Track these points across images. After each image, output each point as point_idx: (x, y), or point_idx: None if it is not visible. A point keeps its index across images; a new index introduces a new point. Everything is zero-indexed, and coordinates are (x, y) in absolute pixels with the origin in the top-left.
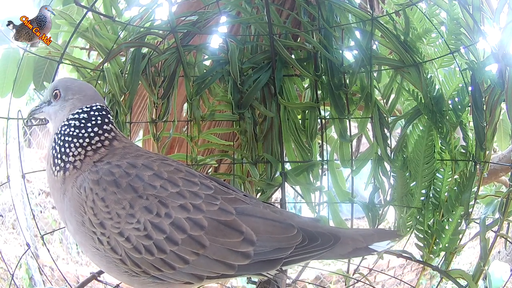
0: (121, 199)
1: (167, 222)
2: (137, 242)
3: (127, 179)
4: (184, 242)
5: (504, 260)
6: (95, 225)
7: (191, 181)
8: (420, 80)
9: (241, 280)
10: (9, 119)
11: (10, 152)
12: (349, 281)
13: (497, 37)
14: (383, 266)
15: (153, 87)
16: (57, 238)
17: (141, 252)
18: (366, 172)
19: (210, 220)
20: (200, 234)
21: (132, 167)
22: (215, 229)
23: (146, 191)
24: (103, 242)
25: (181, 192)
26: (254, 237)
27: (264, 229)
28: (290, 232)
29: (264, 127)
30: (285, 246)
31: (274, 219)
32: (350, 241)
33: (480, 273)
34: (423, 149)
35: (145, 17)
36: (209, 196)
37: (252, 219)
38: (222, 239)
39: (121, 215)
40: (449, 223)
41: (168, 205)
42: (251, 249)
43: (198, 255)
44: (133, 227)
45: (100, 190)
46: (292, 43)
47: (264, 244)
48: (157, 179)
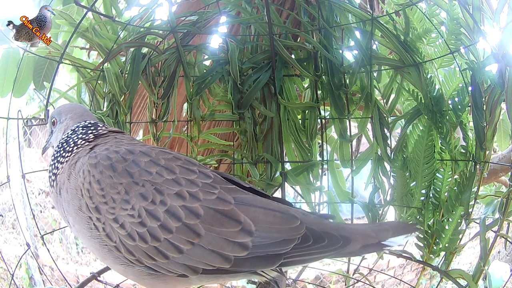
0: (117, 183)
1: (161, 209)
2: (131, 229)
3: (123, 164)
4: (178, 230)
5: (504, 260)
6: (91, 209)
7: (189, 169)
8: (420, 80)
9: (241, 280)
10: (9, 119)
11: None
12: (349, 281)
13: (497, 37)
14: (383, 266)
15: (153, 87)
16: (57, 238)
17: (135, 239)
18: (366, 172)
19: (207, 208)
20: (196, 223)
21: (129, 153)
22: (212, 218)
23: (141, 177)
24: (99, 228)
25: (177, 180)
26: (253, 227)
27: (264, 219)
28: (293, 223)
29: (264, 127)
30: (286, 237)
31: (275, 209)
32: (359, 238)
33: (480, 273)
34: (423, 149)
35: (145, 17)
36: (207, 184)
37: (251, 209)
38: (218, 228)
39: (116, 200)
40: (449, 223)
41: (163, 192)
42: (249, 240)
43: (193, 244)
44: (128, 213)
45: (97, 172)
46: (292, 43)
47: (264, 235)
48: (153, 165)
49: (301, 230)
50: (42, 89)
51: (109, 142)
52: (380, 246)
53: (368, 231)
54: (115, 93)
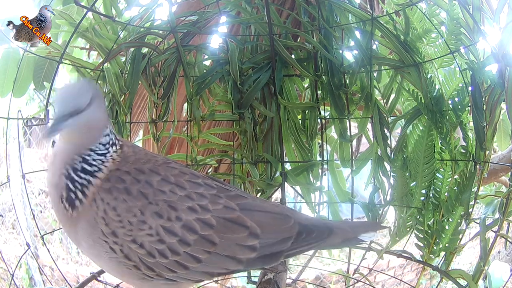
0: (132, 206)
1: (178, 225)
2: (151, 247)
3: (137, 186)
4: (196, 242)
5: (504, 260)
6: (106, 234)
7: (196, 183)
8: (420, 80)
9: (241, 280)
10: (9, 119)
11: (10, 152)
12: (349, 281)
13: (497, 37)
14: (383, 266)
15: (153, 87)
16: (57, 238)
17: (155, 256)
18: (366, 172)
19: (218, 218)
20: (210, 233)
21: (140, 173)
22: (223, 226)
23: (156, 197)
24: (116, 250)
25: (188, 195)
26: (259, 230)
27: (266, 221)
28: (288, 223)
29: (264, 127)
30: (286, 236)
31: (273, 211)
32: (340, 232)
33: (480, 273)
34: (423, 149)
35: (145, 17)
36: (213, 195)
37: (254, 214)
38: (230, 235)
39: (133, 223)
40: (449, 223)
41: (177, 208)
42: (256, 242)
43: (210, 253)
44: (146, 233)
45: (111, 199)
46: (292, 43)
47: (268, 236)
48: (165, 184)
49: (295, 228)
50: (42, 89)
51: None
52: (356, 241)
53: (346, 227)
54: (115, 93)
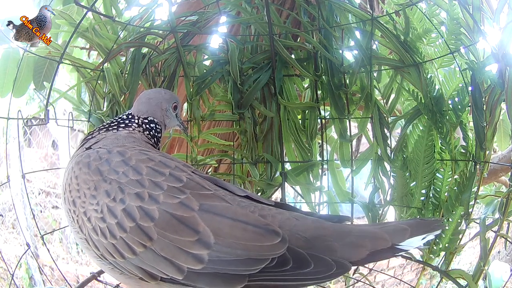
0: (89, 179)
1: (119, 207)
2: (95, 223)
3: (97, 162)
4: (132, 230)
5: (504, 260)
6: (69, 202)
7: (158, 171)
8: (420, 80)
9: None
10: (9, 119)
11: (10, 152)
12: (349, 281)
13: (497, 37)
14: (383, 266)
15: (153, 87)
16: (57, 238)
17: (98, 233)
18: (366, 172)
19: (164, 212)
20: (149, 226)
21: (107, 153)
22: (166, 223)
23: (109, 175)
24: (74, 219)
25: (141, 181)
26: (212, 239)
27: (229, 232)
28: (269, 240)
29: (264, 127)
30: (254, 256)
31: (249, 222)
32: (367, 242)
33: (480, 273)
34: (423, 149)
35: (145, 17)
36: (174, 188)
37: (217, 219)
38: (172, 235)
39: (87, 195)
40: (449, 223)
41: (124, 191)
42: (205, 253)
43: (146, 247)
44: (93, 208)
45: (77, 169)
46: (292, 43)
47: (224, 250)
48: (122, 165)
49: (278, 250)
50: (42, 89)
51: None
52: (393, 251)
53: (380, 234)
54: (115, 93)
